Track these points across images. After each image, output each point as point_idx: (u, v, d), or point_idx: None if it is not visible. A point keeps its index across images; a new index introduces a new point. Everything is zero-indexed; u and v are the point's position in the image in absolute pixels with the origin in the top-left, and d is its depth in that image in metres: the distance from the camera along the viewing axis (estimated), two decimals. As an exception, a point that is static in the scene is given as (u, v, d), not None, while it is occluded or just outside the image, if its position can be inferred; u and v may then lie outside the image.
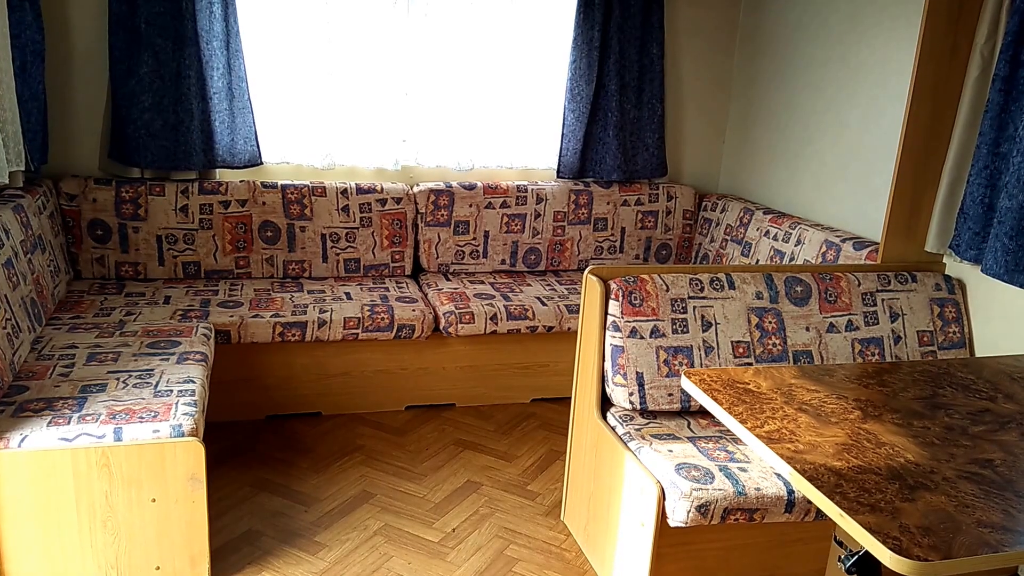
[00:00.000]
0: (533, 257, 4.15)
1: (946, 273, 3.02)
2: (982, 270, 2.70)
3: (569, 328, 3.65)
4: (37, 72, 3.23)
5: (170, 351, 2.86)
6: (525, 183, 4.12)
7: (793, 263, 3.53)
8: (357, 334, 3.39)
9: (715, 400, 1.96)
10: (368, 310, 3.43)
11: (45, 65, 3.32)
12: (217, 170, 3.72)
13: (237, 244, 3.69)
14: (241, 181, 3.70)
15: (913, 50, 2.94)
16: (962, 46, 2.82)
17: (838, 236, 3.39)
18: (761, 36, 4.17)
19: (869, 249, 3.20)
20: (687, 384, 2.06)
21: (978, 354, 2.93)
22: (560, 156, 4.15)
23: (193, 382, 2.61)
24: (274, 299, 3.48)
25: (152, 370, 2.69)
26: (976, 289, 2.93)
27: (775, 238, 3.70)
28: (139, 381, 2.59)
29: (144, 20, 3.44)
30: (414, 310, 3.49)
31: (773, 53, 4.07)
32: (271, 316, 3.30)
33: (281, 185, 3.74)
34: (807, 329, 2.79)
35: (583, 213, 4.18)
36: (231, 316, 3.26)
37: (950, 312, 2.92)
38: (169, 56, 3.50)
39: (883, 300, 2.88)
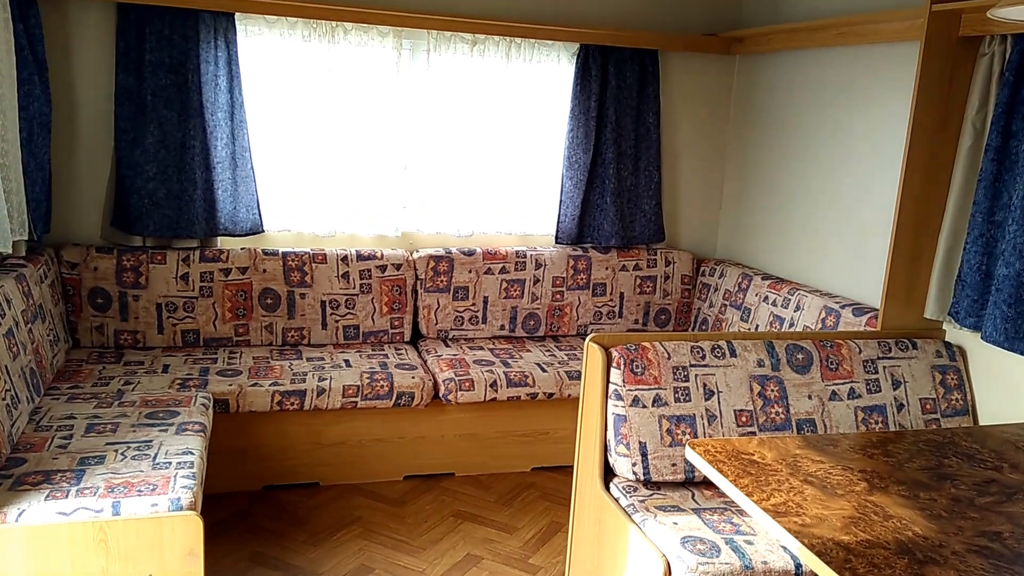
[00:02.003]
0: (532, 322, 4.15)
1: (946, 340, 3.02)
2: (982, 337, 2.71)
3: (569, 394, 3.63)
4: (43, 143, 3.27)
5: (169, 421, 2.84)
6: (524, 249, 4.14)
7: (793, 329, 3.54)
8: (356, 402, 3.37)
9: (720, 472, 1.94)
10: (367, 377, 3.42)
11: (51, 136, 3.37)
12: (219, 238, 3.75)
13: (237, 311, 3.69)
14: (242, 249, 3.73)
15: (905, 118, 3.00)
16: (953, 116, 2.88)
17: (837, 302, 3.41)
18: (755, 105, 4.25)
19: (869, 315, 3.21)
20: (692, 455, 2.05)
21: (981, 422, 2.92)
22: (558, 222, 4.19)
23: (192, 453, 2.58)
24: (273, 367, 3.46)
25: (150, 441, 2.67)
26: (977, 356, 2.93)
27: (774, 304, 3.71)
28: (137, 453, 2.57)
29: (151, 92, 3.50)
30: (413, 377, 3.48)
31: (767, 121, 4.14)
32: (270, 384, 3.29)
33: (282, 252, 3.77)
34: (809, 397, 2.78)
35: (582, 278, 4.20)
36: (230, 385, 3.25)
37: (952, 379, 2.91)
38: (174, 127, 3.56)
39: (884, 367, 2.88)
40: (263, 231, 3.78)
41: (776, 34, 3.88)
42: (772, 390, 2.75)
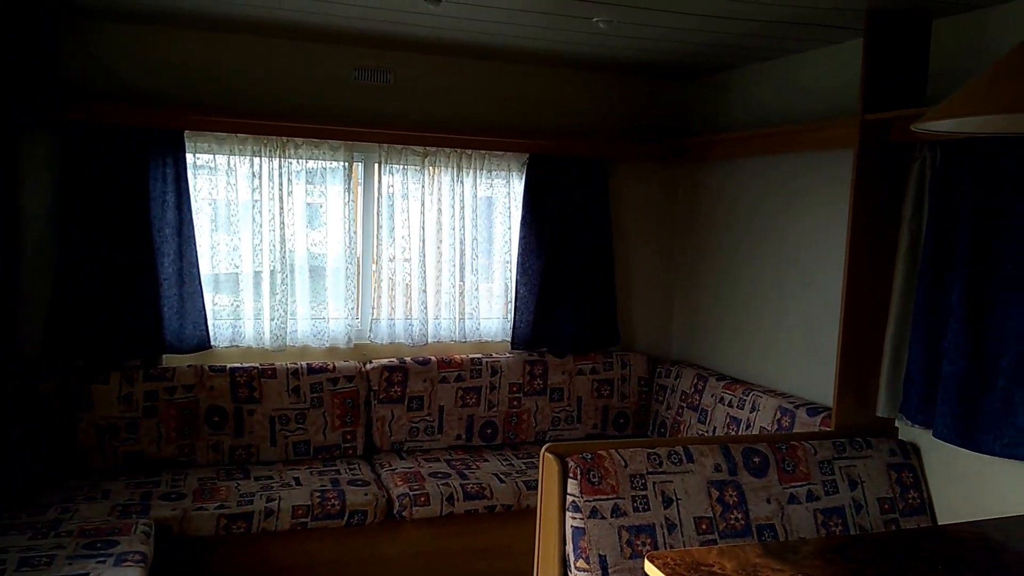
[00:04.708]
0: (489, 431, 4.09)
1: (900, 438, 3.03)
2: (933, 434, 2.72)
3: (528, 506, 3.53)
4: (-17, 265, 3.21)
5: (107, 552, 2.70)
6: (479, 356, 4.12)
7: (749, 431, 3.52)
8: (306, 523, 3.24)
9: (680, 587, 1.89)
10: (318, 496, 3.30)
11: (-8, 257, 3.31)
12: (164, 356, 3.66)
13: (182, 431, 3.58)
14: (188, 366, 3.65)
15: (846, 221, 3.08)
16: (891, 219, 2.97)
17: (791, 402, 3.41)
18: (702, 210, 4.35)
19: (823, 415, 3.21)
20: (651, 569, 1.99)
21: (939, 519, 2.90)
22: (514, 328, 4.19)
23: (129, 587, 2.45)
24: (219, 488, 3.33)
25: (87, 574, 2.52)
26: (930, 453, 2.94)
27: (730, 404, 3.71)
28: (70, 588, 2.43)
29: (96, 211, 3.48)
30: (366, 494, 3.37)
31: (714, 225, 4.24)
32: (215, 508, 3.16)
33: (229, 368, 3.69)
34: (768, 501, 2.74)
35: (538, 384, 4.17)
36: (173, 510, 3.11)
37: (908, 477, 2.91)
38: (120, 245, 3.52)
39: (840, 468, 2.87)
40: (211, 347, 3.71)
41: (718, 143, 4.01)
42: (731, 495, 2.71)
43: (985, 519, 2.50)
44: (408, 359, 3.97)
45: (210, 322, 3.73)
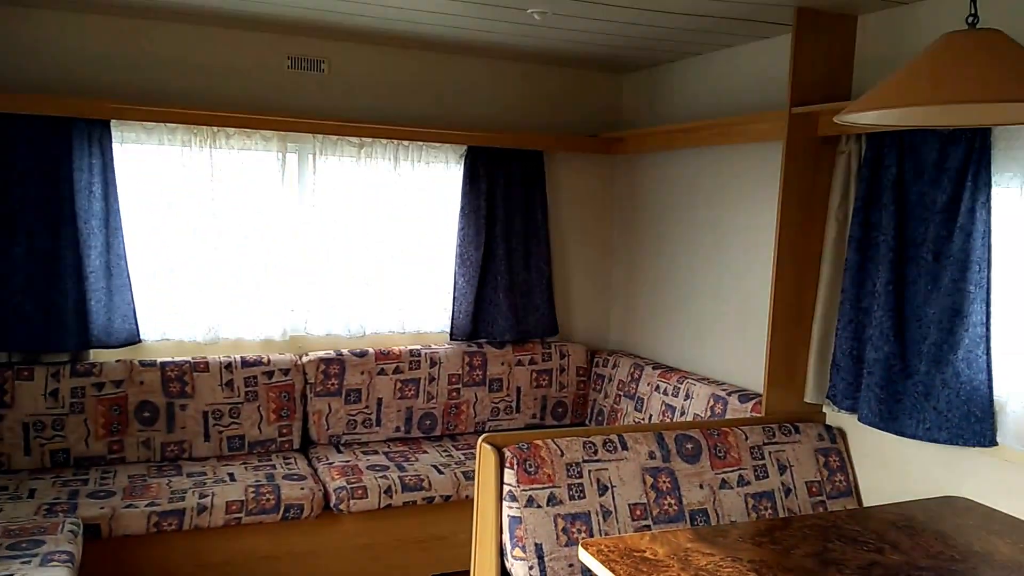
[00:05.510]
0: (428, 422, 4.08)
1: (827, 423, 3.11)
2: (859, 419, 2.80)
3: (467, 496, 3.54)
4: None
5: (32, 552, 2.62)
6: (418, 347, 4.10)
7: (684, 418, 3.58)
8: (240, 518, 3.19)
9: (613, 572, 1.92)
10: (252, 491, 3.26)
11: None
12: (92, 350, 3.57)
13: (111, 427, 3.49)
14: (117, 361, 3.55)
15: (775, 212, 3.15)
16: (818, 210, 3.04)
17: (724, 389, 3.48)
18: (637, 201, 4.40)
19: (754, 401, 3.28)
20: (585, 556, 2.01)
21: (864, 501, 3.00)
22: (452, 319, 4.18)
23: (54, 588, 2.38)
24: (150, 485, 3.26)
25: (12, 575, 2.45)
26: (856, 437, 3.03)
27: (665, 393, 3.76)
28: (-9, 591, 2.35)
29: (18, 201, 3.36)
30: (302, 488, 3.33)
31: (649, 217, 4.29)
32: (146, 505, 3.09)
33: (160, 363, 3.61)
34: (701, 487, 2.79)
35: (478, 375, 4.17)
36: (101, 508, 3.03)
37: (834, 461, 2.99)
38: (44, 236, 3.41)
39: (770, 452, 2.94)
40: (140, 341, 3.63)
41: (653, 135, 4.05)
42: (664, 482, 2.76)
43: (909, 501, 2.59)
44: (345, 351, 3.94)
45: (140, 315, 3.64)
